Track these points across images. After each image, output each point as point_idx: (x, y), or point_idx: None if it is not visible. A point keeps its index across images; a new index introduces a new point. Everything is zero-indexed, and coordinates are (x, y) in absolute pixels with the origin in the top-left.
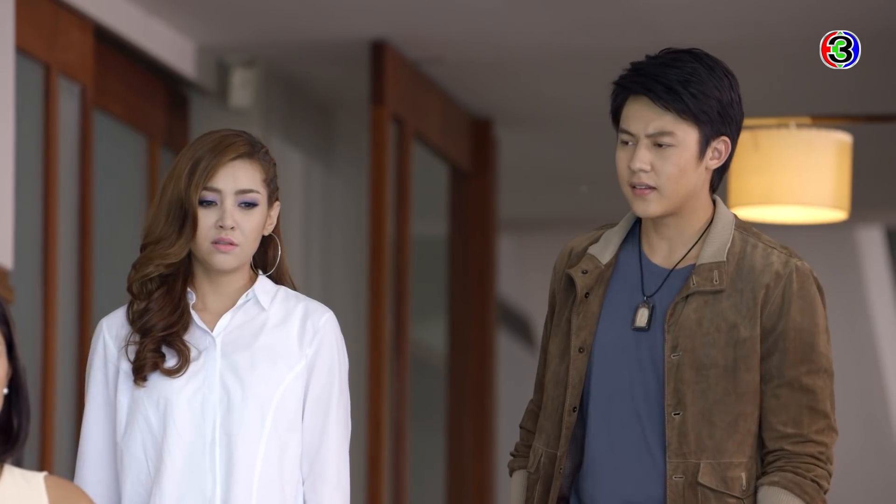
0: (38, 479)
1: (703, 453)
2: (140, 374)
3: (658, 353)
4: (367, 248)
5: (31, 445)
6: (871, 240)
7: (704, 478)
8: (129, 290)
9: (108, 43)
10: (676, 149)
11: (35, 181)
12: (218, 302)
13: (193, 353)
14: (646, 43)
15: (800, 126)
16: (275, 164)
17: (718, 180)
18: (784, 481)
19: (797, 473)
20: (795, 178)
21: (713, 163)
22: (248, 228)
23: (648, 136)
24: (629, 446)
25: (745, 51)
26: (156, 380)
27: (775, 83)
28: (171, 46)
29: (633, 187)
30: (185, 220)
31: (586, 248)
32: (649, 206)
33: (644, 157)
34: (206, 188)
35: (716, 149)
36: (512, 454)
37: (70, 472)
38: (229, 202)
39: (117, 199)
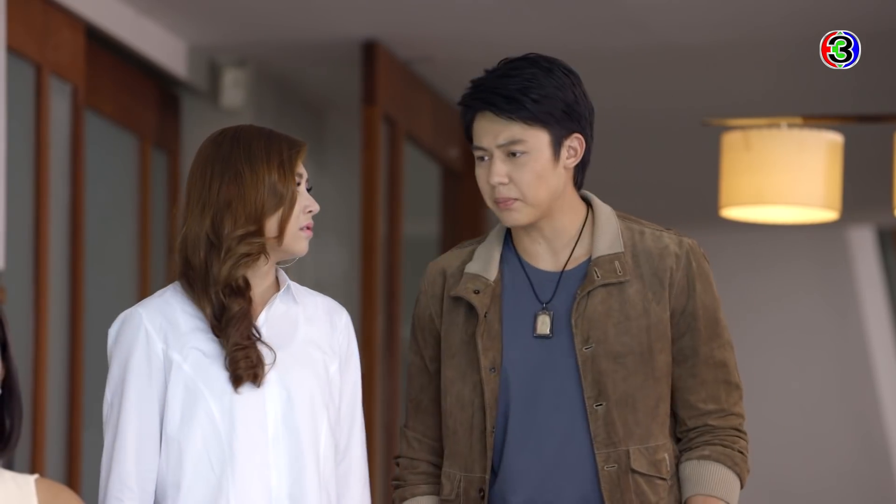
0: (28, 481)
1: (630, 439)
2: (239, 383)
3: (568, 353)
4: (359, 248)
5: (22, 446)
6: (863, 239)
7: (636, 463)
8: (229, 286)
9: (100, 43)
10: (530, 155)
11: (26, 181)
12: (258, 295)
13: (271, 358)
14: (638, 42)
15: (791, 126)
16: None
17: (582, 176)
18: (715, 454)
19: (725, 446)
20: (787, 178)
21: (570, 161)
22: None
23: (500, 148)
24: (554, 452)
25: (736, 51)
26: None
27: (767, 83)
28: (163, 46)
29: (497, 202)
30: (279, 204)
31: (460, 268)
32: (516, 216)
33: (500, 171)
34: (297, 173)
35: (570, 147)
36: (396, 483)
37: (62, 473)
38: (304, 188)
39: (109, 198)
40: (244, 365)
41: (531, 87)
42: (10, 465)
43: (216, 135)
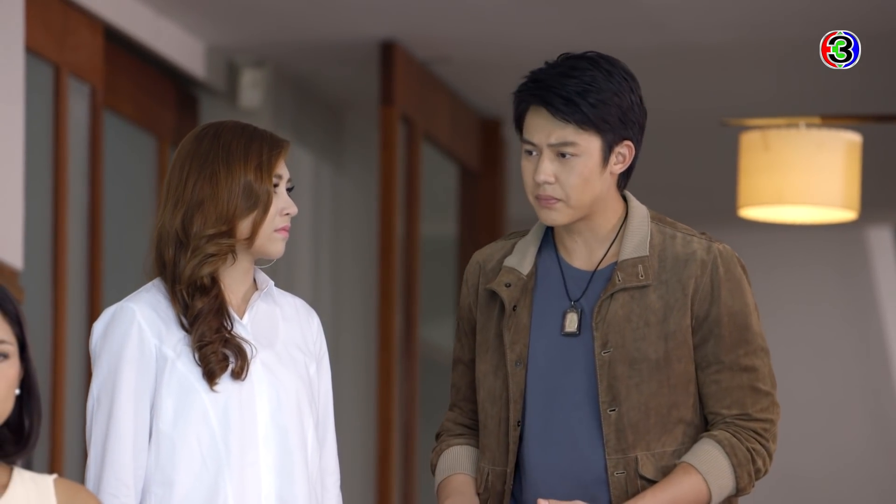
0: (47, 481)
1: (639, 446)
2: (213, 380)
3: (590, 354)
4: (377, 248)
5: (40, 447)
6: (881, 239)
7: (644, 469)
8: (192, 285)
9: (118, 43)
10: (580, 158)
11: (45, 181)
12: (240, 296)
13: (250, 351)
14: (653, 42)
15: (809, 126)
16: None
17: (625, 181)
18: (721, 437)
19: (736, 436)
20: (805, 178)
21: (618, 167)
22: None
23: (550, 147)
24: (570, 452)
25: (754, 50)
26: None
27: (785, 83)
28: (181, 47)
29: (538, 198)
30: (255, 204)
31: (500, 261)
32: (556, 216)
33: (547, 169)
34: (275, 174)
35: (619, 153)
36: (434, 448)
37: (80, 473)
38: (283, 190)
39: (127, 198)
40: (214, 359)
41: (590, 91)
42: (28, 465)
43: (198, 130)
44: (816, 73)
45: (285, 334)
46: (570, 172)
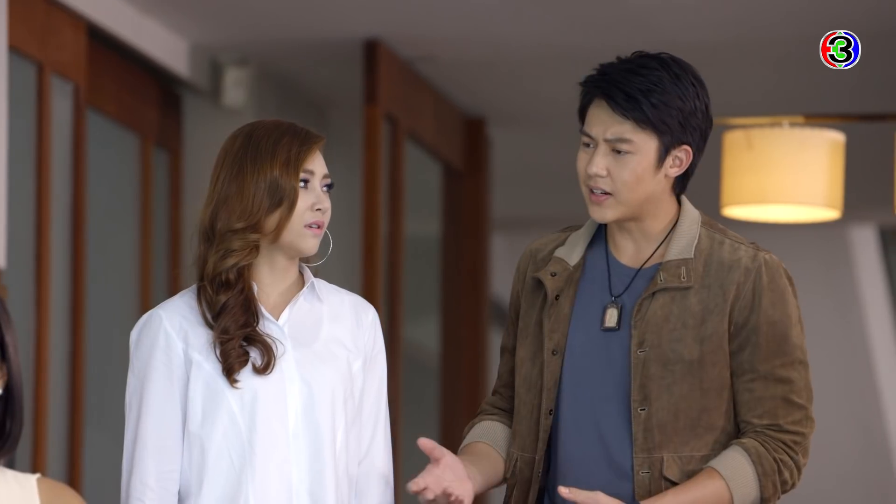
0: (30, 481)
1: (666, 447)
2: (231, 375)
3: (625, 351)
4: (361, 247)
5: (23, 446)
6: (864, 238)
7: (669, 471)
8: (216, 279)
9: (102, 42)
10: (634, 156)
11: (28, 180)
12: (277, 293)
13: (279, 350)
14: (640, 42)
15: (793, 125)
16: None
17: (683, 185)
18: (748, 445)
19: (764, 446)
20: (788, 177)
21: (673, 171)
22: (329, 213)
23: (607, 142)
24: (599, 445)
25: (738, 50)
26: (242, 375)
27: (768, 82)
28: (164, 45)
29: (592, 191)
30: (281, 201)
31: (552, 251)
32: (605, 212)
33: (600, 163)
34: (304, 170)
35: (676, 157)
36: (467, 427)
37: (63, 473)
38: (318, 186)
39: (110, 197)
40: (234, 354)
41: (654, 91)
42: (11, 465)
43: (236, 130)
44: (800, 72)
45: (328, 332)
46: (622, 168)
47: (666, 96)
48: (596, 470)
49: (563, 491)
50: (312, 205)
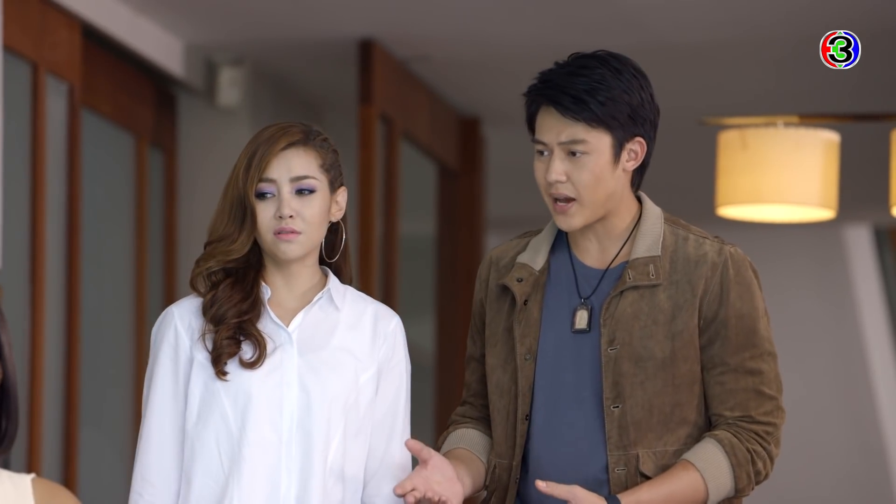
0: (25, 481)
1: (641, 443)
2: (218, 364)
3: (597, 350)
4: (356, 247)
5: (18, 446)
6: (859, 238)
7: (644, 467)
8: (192, 284)
9: (96, 41)
10: (590, 156)
11: (23, 180)
12: (292, 299)
13: (270, 346)
14: (634, 41)
15: (787, 125)
16: (335, 151)
17: (640, 179)
18: (721, 437)
19: (737, 437)
20: (783, 177)
21: (630, 164)
22: (308, 215)
23: (561, 145)
24: (573, 446)
25: (733, 50)
26: (235, 374)
27: (763, 82)
28: (159, 45)
29: (555, 200)
30: (245, 216)
31: (514, 258)
32: (571, 221)
33: (559, 168)
34: (261, 180)
35: (631, 150)
36: (440, 438)
37: (58, 473)
38: (286, 191)
39: (105, 197)
40: (224, 344)
41: (599, 89)
42: (6, 465)
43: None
44: (795, 72)
45: (340, 341)
46: (581, 170)
47: (612, 92)
48: (570, 471)
49: (541, 485)
50: (274, 213)
